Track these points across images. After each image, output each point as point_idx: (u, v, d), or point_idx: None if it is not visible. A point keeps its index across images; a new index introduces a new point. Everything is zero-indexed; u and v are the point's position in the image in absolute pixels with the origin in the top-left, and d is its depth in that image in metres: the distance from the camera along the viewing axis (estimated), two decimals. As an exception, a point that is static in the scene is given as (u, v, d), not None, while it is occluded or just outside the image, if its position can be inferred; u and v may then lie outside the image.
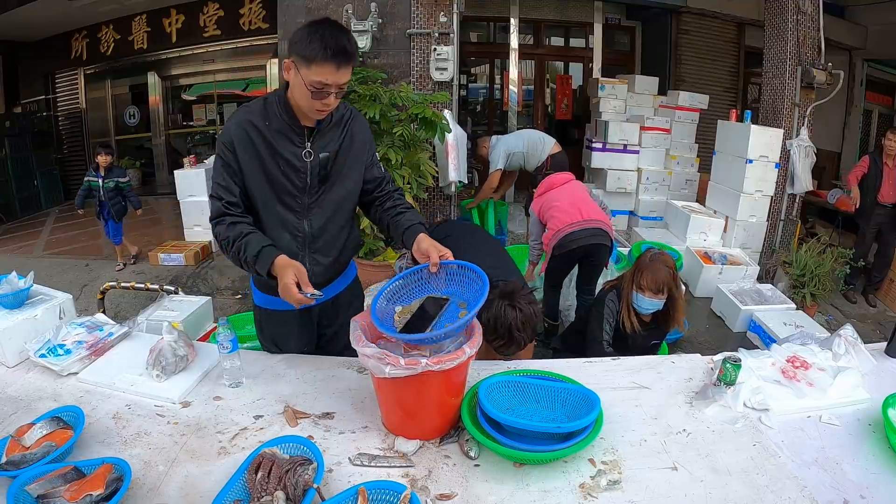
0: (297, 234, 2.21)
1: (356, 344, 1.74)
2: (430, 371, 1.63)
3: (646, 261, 3.08)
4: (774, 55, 6.46)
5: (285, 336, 2.46)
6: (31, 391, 2.11)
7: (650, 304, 3.06)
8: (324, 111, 2.02)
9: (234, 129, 2.08)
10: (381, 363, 1.64)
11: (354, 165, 2.26)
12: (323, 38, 1.88)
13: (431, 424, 1.84)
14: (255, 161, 2.09)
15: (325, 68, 1.90)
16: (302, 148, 2.11)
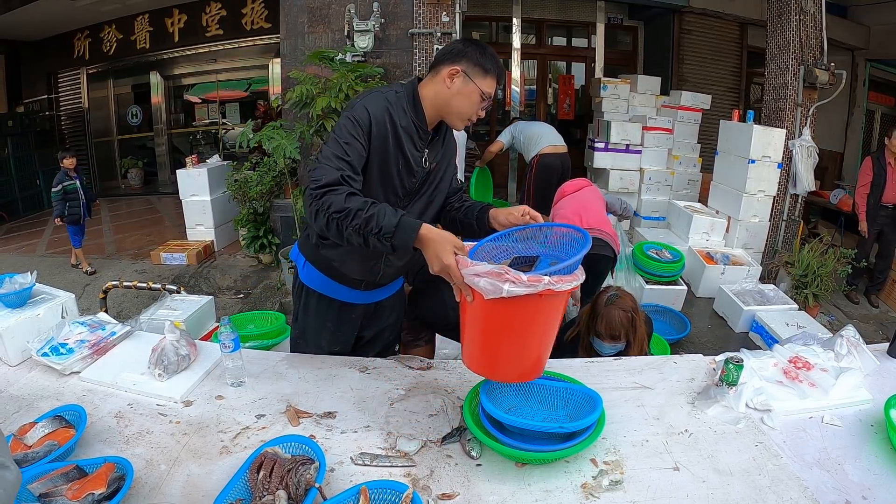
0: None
1: (463, 268, 1.62)
2: (551, 290, 1.53)
3: (601, 305, 2.82)
4: (777, 55, 6.46)
5: (319, 331, 2.39)
6: (34, 390, 2.11)
7: (610, 349, 2.79)
8: (473, 120, 2.12)
9: (378, 114, 1.99)
10: (500, 280, 1.52)
11: (445, 178, 2.26)
12: (494, 57, 2.04)
13: (537, 355, 1.74)
14: (380, 154, 2.01)
15: (493, 81, 2.05)
16: (421, 153, 2.10)
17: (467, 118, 2.10)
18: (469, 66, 2.00)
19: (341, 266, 2.24)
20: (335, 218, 1.82)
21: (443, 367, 2.32)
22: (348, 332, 2.44)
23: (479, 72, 2.01)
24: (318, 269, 2.29)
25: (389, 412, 2.00)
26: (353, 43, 5.86)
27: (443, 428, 1.90)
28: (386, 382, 2.19)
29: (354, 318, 2.41)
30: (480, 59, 2.01)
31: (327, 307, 2.36)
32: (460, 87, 2.01)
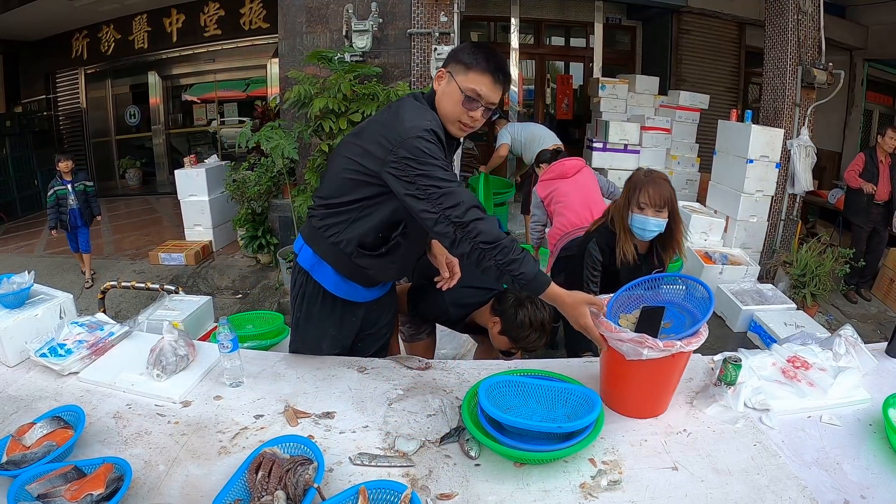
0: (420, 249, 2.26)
1: (607, 331, 1.85)
2: (682, 352, 1.81)
3: (640, 177, 2.75)
4: (775, 55, 6.46)
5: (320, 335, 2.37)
6: (32, 390, 2.11)
7: (655, 223, 2.70)
8: (467, 125, 2.01)
9: (437, 126, 1.97)
10: (640, 347, 1.77)
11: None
12: (487, 54, 1.95)
13: (666, 400, 2.00)
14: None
15: (483, 79, 1.93)
16: (447, 162, 2.03)
17: (456, 121, 2.01)
18: (453, 65, 1.98)
19: (377, 274, 2.21)
20: (482, 248, 1.85)
21: (441, 367, 2.32)
22: (348, 334, 2.42)
23: (461, 69, 1.95)
24: (341, 273, 2.22)
25: (388, 412, 2.00)
26: (351, 43, 5.86)
27: (441, 428, 1.90)
28: (384, 382, 2.19)
29: (356, 319, 2.39)
30: (464, 55, 1.96)
31: (331, 310, 2.31)
32: (444, 87, 2.01)
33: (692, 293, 2.09)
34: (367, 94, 5.03)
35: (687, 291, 2.11)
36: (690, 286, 2.09)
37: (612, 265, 2.90)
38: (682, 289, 2.14)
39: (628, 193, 2.76)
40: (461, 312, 2.78)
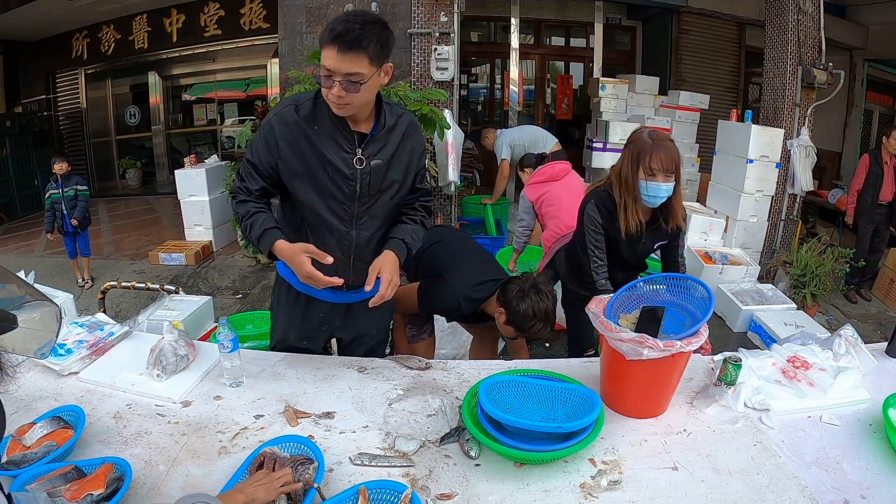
0: (344, 242, 2.14)
1: (606, 331, 1.87)
2: (682, 352, 1.82)
3: (645, 139, 2.55)
4: (775, 55, 6.47)
5: (289, 324, 2.41)
6: (32, 390, 2.11)
7: (666, 189, 2.54)
8: (337, 104, 1.90)
9: (280, 129, 2.00)
10: (640, 346, 1.78)
11: (408, 173, 2.19)
12: (333, 22, 1.83)
13: (666, 400, 2.01)
14: (300, 164, 2.02)
15: (328, 52, 1.84)
16: (353, 155, 2.02)
17: (329, 103, 1.94)
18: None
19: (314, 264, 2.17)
20: (238, 221, 2.10)
21: (441, 367, 2.32)
22: (315, 329, 2.41)
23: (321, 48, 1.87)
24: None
25: (388, 412, 2.00)
26: (351, 43, 5.85)
27: (441, 428, 1.90)
28: (384, 382, 2.19)
29: (322, 316, 2.38)
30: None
31: (295, 300, 2.37)
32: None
33: (692, 293, 2.09)
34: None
35: (687, 291, 2.11)
36: (690, 286, 2.10)
37: (613, 233, 2.73)
38: (683, 289, 2.14)
39: (635, 158, 2.55)
40: (472, 306, 2.81)
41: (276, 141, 2.00)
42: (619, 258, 2.82)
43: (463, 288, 2.77)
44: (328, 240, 2.11)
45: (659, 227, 2.71)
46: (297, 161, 2.02)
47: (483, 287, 2.80)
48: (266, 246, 2.02)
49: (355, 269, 2.18)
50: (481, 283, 2.81)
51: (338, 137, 2.01)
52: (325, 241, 2.10)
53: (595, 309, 2.02)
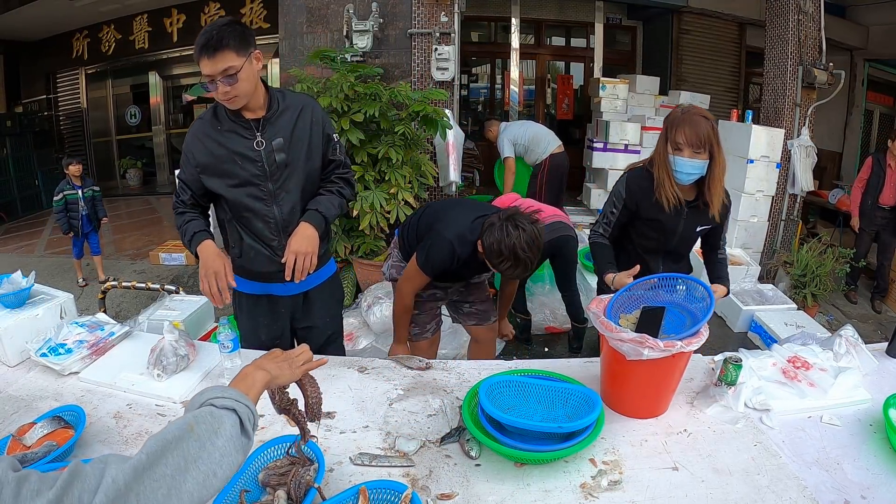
0: (268, 220, 2.34)
1: (607, 331, 1.87)
2: (682, 352, 1.81)
3: (676, 115, 2.43)
4: (776, 55, 6.46)
5: (255, 327, 2.57)
6: (33, 390, 2.11)
7: (692, 166, 2.40)
8: (227, 100, 2.14)
9: (191, 142, 2.28)
10: (641, 347, 1.77)
11: (314, 148, 2.38)
12: (197, 38, 2.06)
13: (666, 400, 2.01)
14: (212, 164, 2.26)
15: (203, 63, 2.07)
16: (252, 139, 2.24)
17: (223, 102, 2.19)
18: None
19: (253, 265, 2.42)
20: (177, 228, 2.37)
21: (441, 367, 2.32)
22: (282, 323, 2.60)
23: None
24: (241, 275, 2.44)
25: (388, 412, 2.00)
26: (351, 43, 5.85)
27: (442, 428, 1.90)
28: (385, 382, 2.19)
29: (284, 311, 2.58)
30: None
31: (255, 304, 2.55)
32: None
33: (692, 293, 2.10)
34: (369, 94, 5.02)
35: (687, 292, 2.12)
36: (691, 286, 2.11)
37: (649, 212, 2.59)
38: (683, 289, 2.14)
39: (665, 132, 2.47)
40: (468, 248, 2.66)
41: (192, 154, 2.28)
42: (658, 241, 2.67)
43: (454, 229, 2.65)
44: (256, 224, 2.34)
45: (698, 207, 2.57)
46: (210, 161, 2.26)
47: (477, 223, 2.65)
48: (194, 245, 2.27)
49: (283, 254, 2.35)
50: (475, 219, 2.68)
51: (237, 129, 2.25)
52: (254, 226, 2.35)
53: (595, 309, 2.02)
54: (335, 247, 5.23)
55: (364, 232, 5.16)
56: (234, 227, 2.38)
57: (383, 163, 5.08)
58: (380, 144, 5.04)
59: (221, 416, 1.05)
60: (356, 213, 5.01)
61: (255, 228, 2.34)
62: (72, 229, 6.35)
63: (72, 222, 6.33)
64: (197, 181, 2.30)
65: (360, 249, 5.35)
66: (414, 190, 5.20)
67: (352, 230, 5.36)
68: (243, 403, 1.11)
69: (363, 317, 4.76)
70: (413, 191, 5.18)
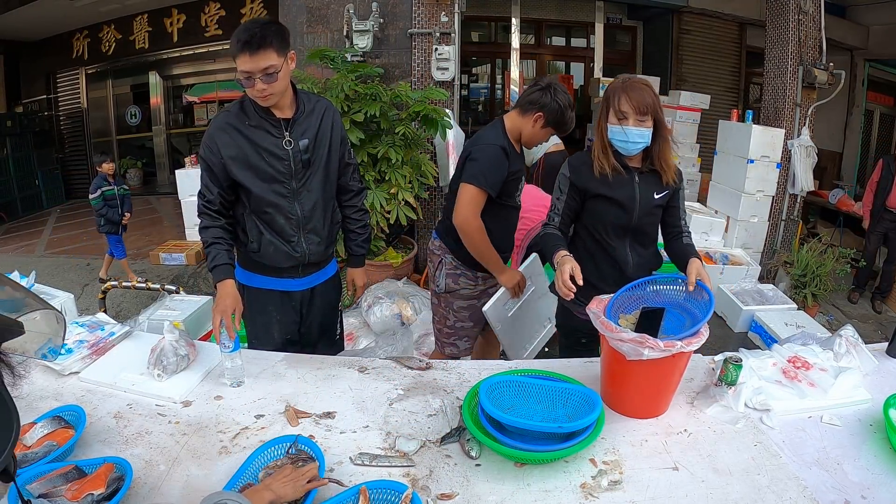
0: (290, 217, 2.42)
1: (607, 332, 1.87)
2: (682, 352, 1.82)
3: (617, 84, 2.36)
4: (776, 55, 6.46)
5: (268, 323, 2.60)
6: (33, 390, 2.11)
7: (638, 134, 2.33)
8: (262, 97, 2.21)
9: (216, 133, 2.30)
10: (641, 347, 1.78)
11: (334, 150, 2.49)
12: (237, 34, 2.13)
13: (666, 400, 2.00)
14: (240, 156, 2.30)
15: (242, 59, 2.13)
16: (281, 138, 2.32)
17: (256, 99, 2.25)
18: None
19: (270, 260, 2.48)
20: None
21: (442, 367, 2.32)
22: (292, 318, 2.66)
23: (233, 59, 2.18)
24: (253, 270, 2.55)
25: (388, 412, 2.00)
26: (352, 43, 5.85)
27: (442, 428, 1.90)
28: (385, 382, 2.19)
29: (295, 305, 2.64)
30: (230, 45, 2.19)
31: (268, 299, 2.59)
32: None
33: (692, 294, 2.11)
34: (370, 94, 5.03)
35: (687, 292, 2.13)
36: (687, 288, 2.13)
37: (598, 188, 2.44)
38: (682, 289, 2.15)
39: (606, 103, 2.39)
40: (511, 146, 2.83)
41: (216, 147, 2.30)
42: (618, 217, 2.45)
43: (490, 140, 2.77)
44: (278, 220, 2.41)
45: (650, 174, 2.46)
46: (237, 154, 2.30)
47: (496, 128, 2.84)
48: (215, 277, 2.32)
49: (307, 241, 2.49)
50: (492, 128, 2.85)
51: (266, 126, 2.31)
52: (276, 222, 2.41)
53: (595, 309, 2.02)
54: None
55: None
56: (252, 222, 2.42)
57: (383, 163, 5.08)
58: (380, 144, 5.05)
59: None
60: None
61: (277, 224, 2.41)
62: (112, 225, 6.30)
63: (113, 218, 6.29)
64: (224, 173, 2.32)
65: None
66: (414, 190, 5.20)
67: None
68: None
69: (363, 317, 4.77)
70: (413, 191, 5.18)
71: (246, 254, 2.50)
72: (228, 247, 2.38)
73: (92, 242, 8.03)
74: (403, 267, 5.52)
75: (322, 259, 2.64)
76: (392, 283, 5.09)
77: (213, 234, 2.36)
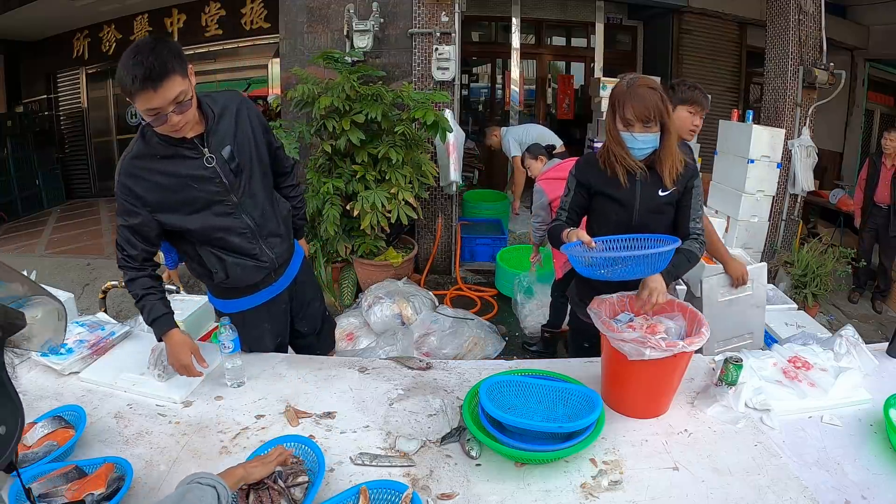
0: (244, 232, 2.21)
1: (609, 332, 1.88)
2: (683, 352, 1.82)
3: (622, 90, 2.26)
4: (776, 55, 6.46)
5: (260, 336, 2.47)
6: (33, 390, 2.12)
7: (643, 141, 2.25)
8: (177, 129, 1.95)
9: (128, 180, 2.02)
10: (643, 347, 1.78)
11: (259, 143, 2.25)
12: (128, 67, 1.80)
13: (667, 400, 2.01)
14: (165, 196, 2.05)
15: (144, 97, 1.82)
16: (201, 157, 2.06)
17: (171, 133, 1.98)
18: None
19: (241, 281, 2.30)
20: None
21: (442, 367, 2.32)
22: (283, 321, 2.56)
23: (128, 96, 1.86)
24: (229, 297, 2.38)
25: (389, 412, 2.00)
26: (352, 42, 5.85)
27: (442, 428, 1.91)
28: (385, 382, 2.19)
29: (284, 307, 2.53)
30: (121, 81, 1.86)
31: (256, 315, 2.43)
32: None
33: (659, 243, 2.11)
34: (371, 95, 5.03)
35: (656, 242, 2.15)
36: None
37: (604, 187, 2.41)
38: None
39: (612, 107, 2.32)
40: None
41: (137, 197, 2.02)
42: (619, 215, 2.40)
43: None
44: (232, 240, 2.20)
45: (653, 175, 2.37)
46: (162, 196, 2.04)
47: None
48: (157, 331, 2.13)
49: (269, 246, 2.30)
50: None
51: (180, 151, 2.03)
52: (230, 243, 2.20)
53: (597, 309, 2.02)
54: (336, 247, 5.24)
55: (365, 232, 5.17)
56: (207, 252, 2.21)
57: (384, 163, 5.08)
58: (380, 144, 5.05)
59: (204, 489, 1.30)
60: (357, 213, 5.01)
61: (232, 244, 2.20)
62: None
63: None
64: (152, 224, 2.08)
65: (360, 249, 5.35)
66: (415, 190, 5.20)
67: (352, 230, 5.37)
68: (221, 484, 1.34)
69: (363, 317, 4.77)
70: (414, 191, 5.18)
71: (214, 285, 2.33)
72: (161, 294, 2.17)
73: (92, 242, 8.03)
74: (404, 267, 5.52)
75: (289, 255, 2.47)
76: (392, 283, 5.09)
77: (141, 285, 2.13)
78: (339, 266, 5.61)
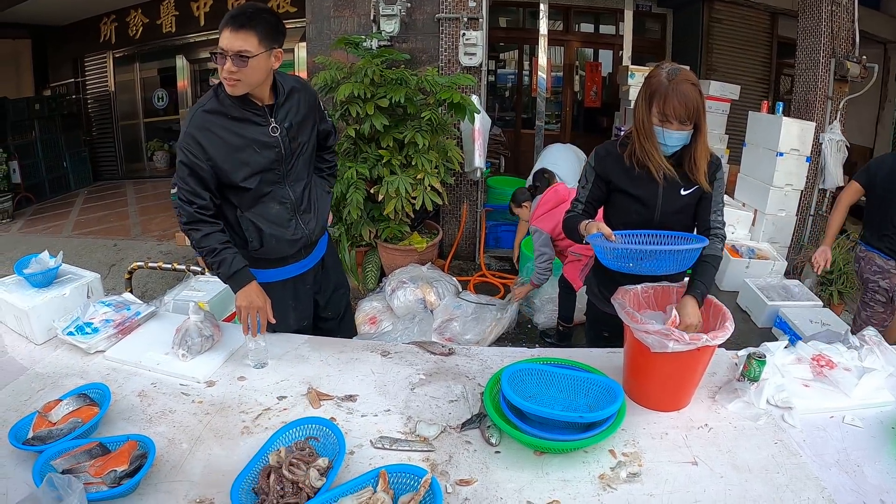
0: (285, 202, 2.37)
1: (632, 323, 1.86)
2: (707, 346, 1.82)
3: (663, 80, 2.11)
4: (808, 46, 6.34)
5: (284, 312, 2.50)
6: (59, 368, 2.15)
7: (678, 138, 2.15)
8: (228, 80, 2.08)
9: (198, 133, 2.15)
10: (666, 339, 1.78)
11: (313, 128, 2.46)
12: (234, 9, 2.06)
13: (688, 394, 2.00)
14: (228, 152, 2.18)
15: (223, 33, 2.04)
16: (267, 125, 2.24)
17: (223, 77, 2.12)
18: None
19: (275, 252, 2.43)
20: (200, 253, 2.23)
21: (464, 353, 2.33)
22: (308, 304, 2.66)
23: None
24: (258, 267, 2.39)
25: (410, 397, 2.01)
26: (378, 27, 5.84)
27: (463, 414, 1.91)
28: (407, 367, 2.20)
29: (309, 287, 2.63)
30: None
31: (283, 289, 2.51)
32: None
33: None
34: (396, 80, 5.01)
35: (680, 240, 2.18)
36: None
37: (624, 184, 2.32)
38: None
39: (648, 99, 2.17)
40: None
41: (201, 148, 2.15)
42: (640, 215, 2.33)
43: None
44: (272, 208, 2.36)
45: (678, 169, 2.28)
46: (225, 152, 2.18)
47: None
48: (238, 282, 2.22)
49: (304, 222, 2.45)
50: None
51: (249, 116, 2.21)
52: (270, 211, 2.35)
53: (620, 300, 2.01)
54: (360, 230, 5.26)
55: (389, 217, 5.18)
56: (247, 220, 2.32)
57: (410, 147, 5.07)
58: (406, 129, 5.04)
59: None
60: (381, 198, 5.02)
61: (272, 213, 2.35)
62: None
63: None
64: (212, 176, 2.19)
65: (384, 233, 5.36)
66: (440, 175, 5.19)
67: (377, 214, 5.38)
68: None
69: (387, 301, 4.79)
70: (440, 176, 5.17)
71: (247, 254, 2.37)
72: (237, 249, 2.27)
73: (119, 224, 8.13)
74: (428, 252, 5.52)
75: (320, 235, 2.60)
76: (416, 268, 5.10)
77: (218, 239, 2.21)
78: (363, 250, 5.62)
